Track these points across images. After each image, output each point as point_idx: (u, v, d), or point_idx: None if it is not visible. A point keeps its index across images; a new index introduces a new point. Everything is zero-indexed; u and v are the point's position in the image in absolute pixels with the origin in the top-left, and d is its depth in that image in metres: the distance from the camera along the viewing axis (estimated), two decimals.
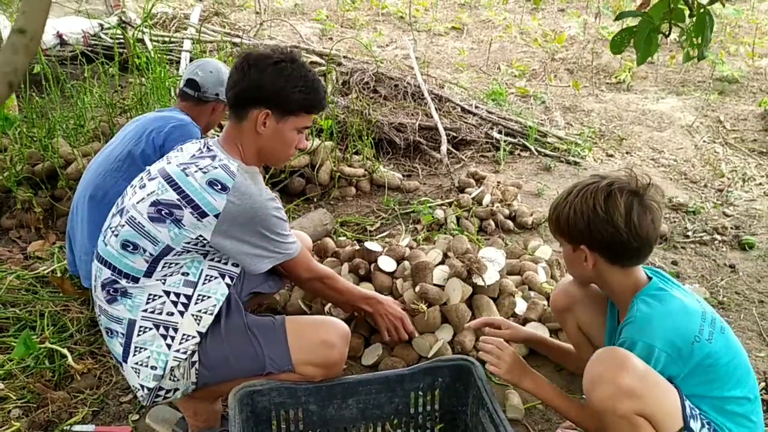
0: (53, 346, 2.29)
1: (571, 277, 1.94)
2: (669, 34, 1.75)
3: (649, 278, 1.67)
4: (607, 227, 1.58)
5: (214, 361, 1.75)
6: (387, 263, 2.60)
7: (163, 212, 1.66)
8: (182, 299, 1.70)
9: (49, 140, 3.40)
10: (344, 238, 3.18)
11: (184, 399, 1.85)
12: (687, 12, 1.71)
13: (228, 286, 1.77)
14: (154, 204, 1.67)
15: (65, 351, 2.27)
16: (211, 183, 1.66)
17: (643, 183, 1.62)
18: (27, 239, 3.18)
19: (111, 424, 2.07)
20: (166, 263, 1.68)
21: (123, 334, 1.71)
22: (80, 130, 3.64)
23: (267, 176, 3.56)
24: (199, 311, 1.72)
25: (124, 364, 1.73)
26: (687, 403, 1.52)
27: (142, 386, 1.71)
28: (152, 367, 1.70)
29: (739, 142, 5.02)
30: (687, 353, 1.53)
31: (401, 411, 1.86)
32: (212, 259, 1.74)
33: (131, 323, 1.70)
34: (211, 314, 1.73)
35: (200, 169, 1.68)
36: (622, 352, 1.53)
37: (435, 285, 2.45)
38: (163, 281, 1.69)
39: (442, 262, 2.59)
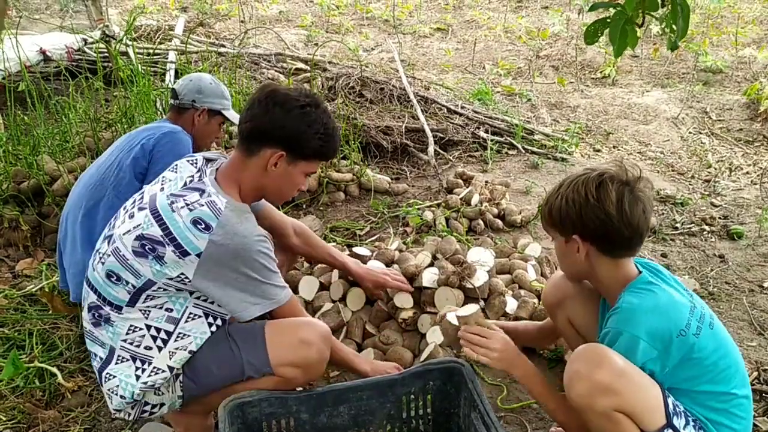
0: (43, 365, 2.28)
1: (562, 272, 1.95)
2: (642, 24, 1.76)
3: (640, 272, 1.68)
4: (599, 214, 1.59)
5: (198, 371, 1.74)
6: (376, 267, 2.59)
7: (146, 247, 1.64)
8: (162, 335, 1.69)
9: (34, 157, 3.39)
10: (334, 243, 3.17)
11: (175, 414, 1.85)
12: (660, 1, 1.72)
13: (210, 326, 1.74)
14: (138, 238, 1.66)
15: (55, 369, 2.26)
16: (195, 222, 1.62)
17: (634, 174, 1.63)
18: (15, 258, 3.15)
19: None
20: (148, 296, 1.68)
21: (102, 358, 1.73)
22: (65, 146, 3.62)
23: None
24: (176, 348, 1.71)
25: (102, 386, 1.75)
26: (670, 399, 1.53)
27: (117, 410, 1.74)
28: (121, 396, 1.71)
29: (725, 132, 5.05)
30: (672, 346, 1.53)
31: (394, 416, 1.85)
32: (198, 297, 1.72)
33: (111, 350, 1.71)
34: (184, 350, 1.71)
35: (187, 205, 1.65)
36: (601, 349, 1.54)
37: (425, 287, 2.45)
38: (146, 314, 1.68)
39: (431, 264, 2.59)
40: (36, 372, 2.27)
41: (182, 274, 1.63)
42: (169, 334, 1.69)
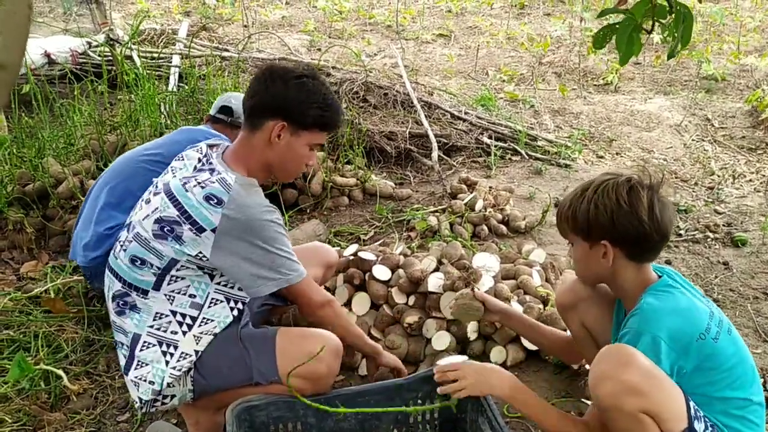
0: (48, 368, 2.28)
1: (575, 276, 1.95)
2: (652, 30, 1.76)
3: (660, 276, 1.68)
4: (632, 220, 1.60)
5: (208, 369, 1.76)
6: (381, 272, 2.60)
7: (165, 229, 1.69)
8: (187, 320, 1.74)
9: (39, 160, 3.39)
10: (338, 248, 3.17)
11: (187, 407, 1.86)
12: (668, 8, 1.73)
13: (232, 310, 1.78)
14: (157, 221, 1.71)
15: (60, 372, 2.26)
16: (208, 198, 1.68)
17: (657, 179, 1.64)
18: (19, 260, 3.16)
19: None
20: (172, 277, 1.72)
21: (127, 346, 1.76)
22: (70, 149, 3.63)
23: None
24: (201, 332, 1.75)
25: (125, 375, 1.77)
26: (692, 403, 1.52)
27: (140, 399, 1.75)
28: (150, 382, 1.73)
29: (727, 140, 5.05)
30: (691, 349, 1.53)
31: (400, 420, 1.85)
32: (219, 283, 1.76)
33: (135, 337, 1.75)
34: (209, 334, 1.75)
35: (199, 183, 1.71)
36: (628, 349, 1.52)
37: (430, 292, 2.45)
38: (170, 300, 1.72)
39: (436, 269, 2.59)
40: (41, 374, 2.27)
41: (200, 252, 1.68)
42: (194, 319, 1.74)
